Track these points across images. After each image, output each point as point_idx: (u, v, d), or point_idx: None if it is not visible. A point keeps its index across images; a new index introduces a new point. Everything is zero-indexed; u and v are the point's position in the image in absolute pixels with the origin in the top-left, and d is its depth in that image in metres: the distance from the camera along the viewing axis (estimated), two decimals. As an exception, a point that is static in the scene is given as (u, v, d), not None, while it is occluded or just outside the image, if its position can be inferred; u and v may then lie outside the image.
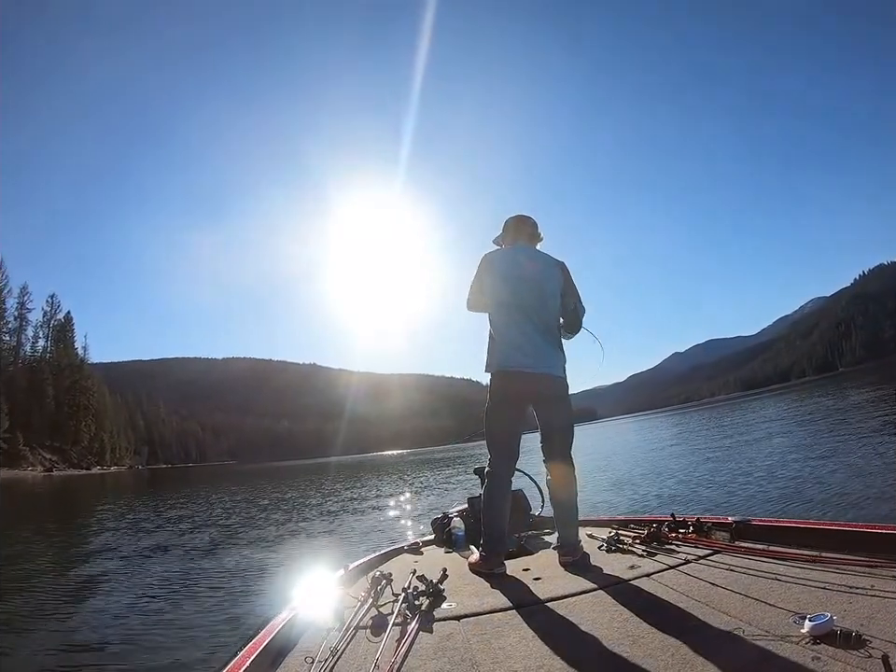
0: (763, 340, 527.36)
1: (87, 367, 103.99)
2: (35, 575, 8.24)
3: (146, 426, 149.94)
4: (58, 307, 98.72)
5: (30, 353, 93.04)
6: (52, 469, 78.26)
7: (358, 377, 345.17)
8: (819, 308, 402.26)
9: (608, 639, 2.03)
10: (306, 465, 75.25)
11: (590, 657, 1.91)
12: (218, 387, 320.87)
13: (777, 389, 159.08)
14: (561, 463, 3.48)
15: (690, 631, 1.99)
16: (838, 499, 7.97)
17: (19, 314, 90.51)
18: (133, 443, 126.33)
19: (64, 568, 8.96)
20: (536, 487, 4.70)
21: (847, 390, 42.10)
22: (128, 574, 8.30)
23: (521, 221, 3.86)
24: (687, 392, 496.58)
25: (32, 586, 7.39)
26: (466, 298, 3.69)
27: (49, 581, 7.76)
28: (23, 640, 5.10)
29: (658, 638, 1.97)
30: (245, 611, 5.78)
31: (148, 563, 9.16)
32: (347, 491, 22.94)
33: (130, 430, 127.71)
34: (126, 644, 4.90)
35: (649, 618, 2.19)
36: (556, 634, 2.18)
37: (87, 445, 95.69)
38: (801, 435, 17.78)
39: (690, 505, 9.70)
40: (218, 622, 5.39)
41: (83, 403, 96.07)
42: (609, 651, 1.94)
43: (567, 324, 3.70)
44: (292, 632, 2.41)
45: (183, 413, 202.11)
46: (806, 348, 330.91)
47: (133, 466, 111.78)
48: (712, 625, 2.00)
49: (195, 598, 6.54)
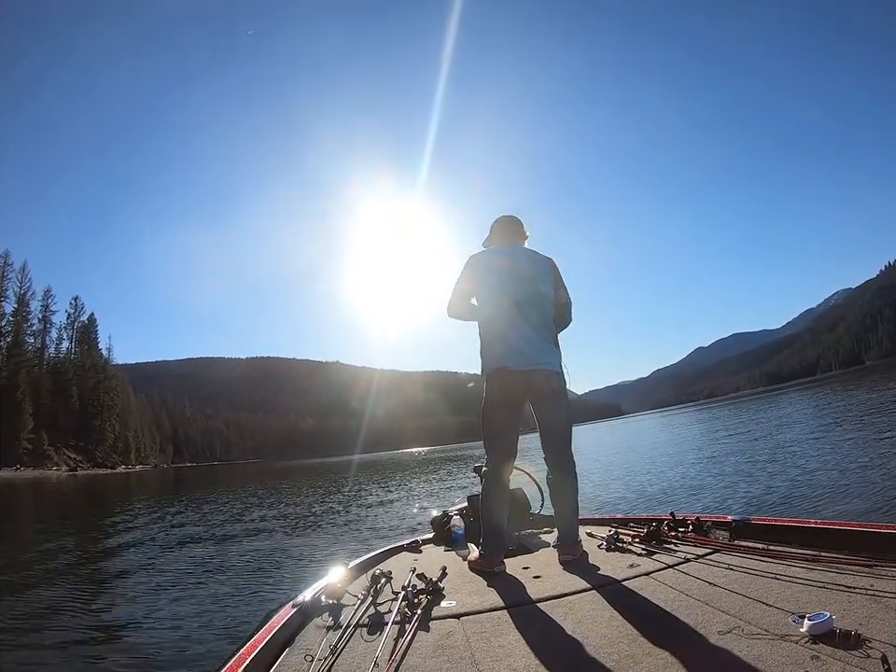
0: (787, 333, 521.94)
1: (111, 367, 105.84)
2: (39, 573, 8.40)
3: (171, 425, 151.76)
4: (81, 309, 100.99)
5: (54, 354, 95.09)
6: (77, 468, 79.71)
7: (381, 374, 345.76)
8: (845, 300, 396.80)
9: (607, 638, 2.02)
10: (329, 463, 75.61)
11: (589, 655, 1.90)
12: (243, 386, 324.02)
13: (803, 384, 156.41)
14: (561, 460, 3.47)
15: (689, 630, 1.97)
16: (843, 499, 7.86)
17: (43, 316, 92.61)
18: (158, 442, 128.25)
19: (69, 567, 9.12)
20: (535, 485, 4.65)
21: (874, 385, 41.20)
22: (129, 573, 8.42)
23: (508, 222, 3.84)
24: (711, 387, 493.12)
25: (31, 587, 7.50)
26: (447, 301, 3.66)
27: (51, 582, 7.87)
28: (30, 638, 5.21)
29: (657, 637, 1.96)
30: (245, 609, 5.82)
31: (151, 562, 9.29)
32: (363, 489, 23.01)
33: (155, 429, 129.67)
34: (126, 642, 4.99)
35: (648, 617, 2.18)
36: (556, 632, 2.17)
37: (112, 444, 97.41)
38: (820, 433, 17.34)
39: (695, 502, 9.68)
40: (218, 619, 5.45)
41: (107, 403, 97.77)
42: (609, 649, 1.93)
43: (558, 317, 3.68)
44: (292, 630, 2.40)
45: (208, 412, 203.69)
46: (832, 342, 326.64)
47: (158, 464, 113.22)
48: (711, 624, 1.98)
49: (196, 596, 6.61)
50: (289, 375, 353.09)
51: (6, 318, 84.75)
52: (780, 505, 8.34)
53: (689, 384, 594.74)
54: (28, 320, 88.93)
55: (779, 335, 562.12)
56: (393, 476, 30.18)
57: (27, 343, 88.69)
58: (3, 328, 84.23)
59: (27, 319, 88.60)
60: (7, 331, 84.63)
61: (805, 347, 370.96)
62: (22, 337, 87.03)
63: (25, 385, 78.55)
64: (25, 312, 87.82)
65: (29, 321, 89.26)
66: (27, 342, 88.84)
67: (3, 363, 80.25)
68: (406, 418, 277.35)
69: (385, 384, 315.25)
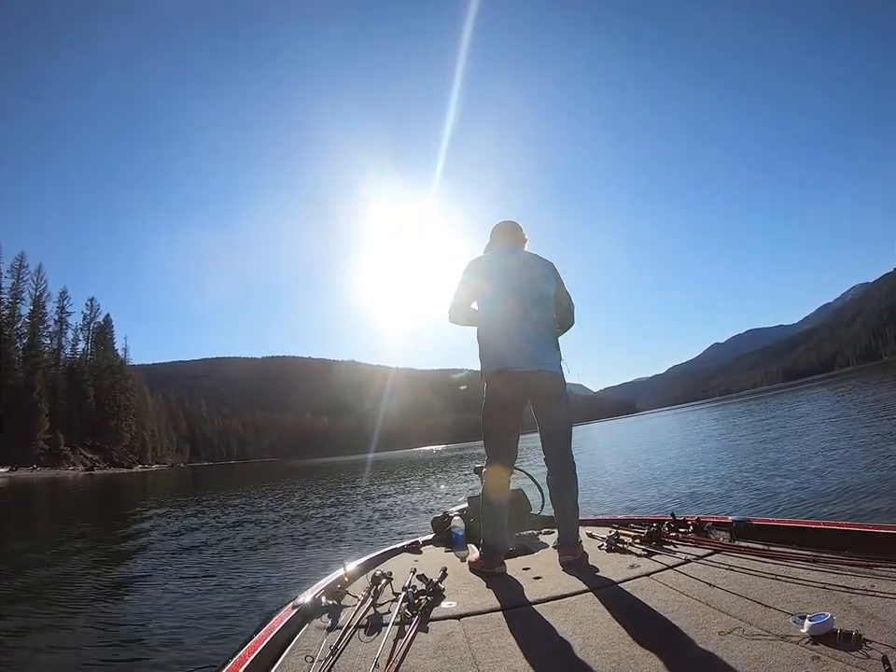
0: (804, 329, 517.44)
1: (127, 367, 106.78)
2: (42, 574, 8.49)
3: (188, 424, 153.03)
4: (97, 310, 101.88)
5: (70, 355, 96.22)
6: (93, 468, 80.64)
7: (395, 372, 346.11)
8: (862, 295, 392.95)
9: (607, 639, 2.02)
10: (344, 461, 75.79)
11: (590, 656, 1.90)
12: (259, 385, 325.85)
13: (820, 379, 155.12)
14: (561, 461, 3.48)
15: (689, 631, 1.97)
16: (854, 498, 7.80)
17: (59, 317, 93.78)
18: (174, 442, 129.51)
19: (71, 566, 9.18)
20: (536, 486, 4.66)
21: (892, 380, 40.81)
22: (131, 574, 8.55)
23: (507, 227, 3.85)
24: (728, 383, 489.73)
25: (34, 586, 7.60)
26: (449, 306, 3.66)
27: (56, 581, 7.96)
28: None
29: (658, 638, 1.96)
30: (246, 609, 5.87)
31: (154, 561, 9.40)
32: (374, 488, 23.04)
33: (172, 429, 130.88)
34: (126, 642, 5.04)
35: (648, 618, 2.18)
36: (556, 633, 2.17)
37: (128, 444, 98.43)
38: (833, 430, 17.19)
39: (697, 503, 9.63)
40: (219, 619, 5.49)
41: (123, 403, 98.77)
42: (609, 650, 1.93)
43: (561, 320, 3.71)
44: (292, 630, 2.41)
45: (224, 412, 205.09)
46: (849, 337, 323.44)
47: (174, 464, 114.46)
48: (712, 625, 1.98)
49: (196, 596, 6.68)
50: (304, 374, 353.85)
51: (21, 320, 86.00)
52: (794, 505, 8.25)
53: (705, 380, 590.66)
54: (44, 322, 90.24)
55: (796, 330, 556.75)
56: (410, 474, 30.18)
57: (43, 345, 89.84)
58: (19, 329, 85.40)
59: (43, 321, 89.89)
60: (22, 333, 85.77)
61: (821, 343, 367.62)
62: (38, 338, 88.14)
63: (41, 386, 79.50)
64: (41, 313, 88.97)
65: (45, 322, 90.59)
66: (43, 343, 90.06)
67: (19, 364, 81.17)
68: (421, 416, 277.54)
69: (399, 382, 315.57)
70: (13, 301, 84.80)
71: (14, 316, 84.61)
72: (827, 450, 12.87)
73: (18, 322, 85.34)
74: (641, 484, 13.08)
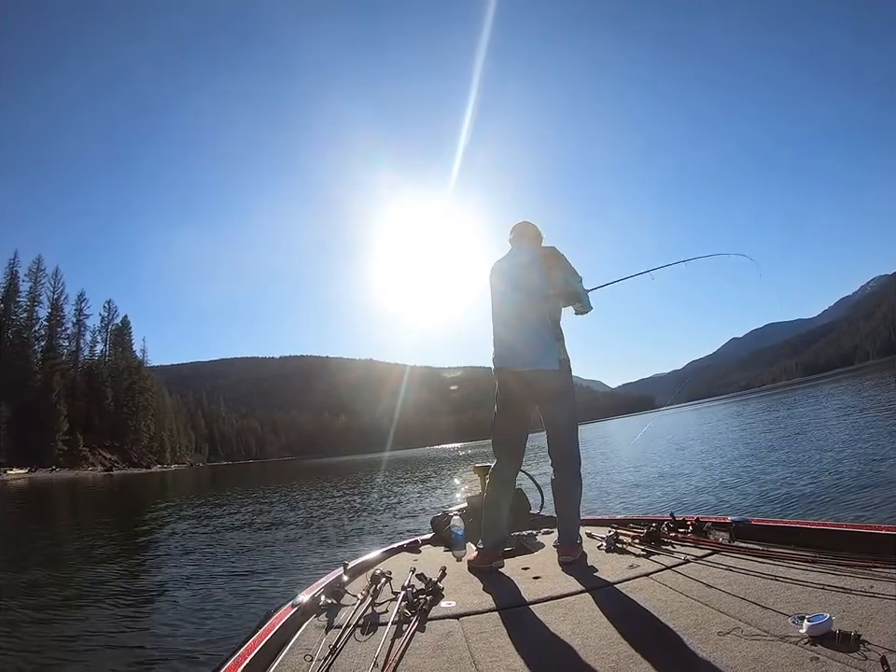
0: (824, 322, 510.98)
1: (145, 368, 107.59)
2: (44, 574, 8.56)
3: (206, 424, 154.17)
4: (115, 312, 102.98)
5: (88, 357, 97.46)
6: (112, 468, 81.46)
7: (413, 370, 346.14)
8: (882, 287, 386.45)
9: (606, 639, 2.03)
10: (361, 460, 75.99)
11: (588, 656, 1.91)
12: (277, 385, 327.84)
13: (840, 374, 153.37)
14: (564, 460, 3.49)
15: (688, 631, 1.97)
16: (856, 499, 7.76)
17: (77, 319, 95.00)
18: (193, 441, 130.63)
19: (74, 568, 9.29)
20: (535, 486, 4.71)
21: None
22: (133, 573, 8.68)
23: (513, 228, 3.96)
24: (747, 378, 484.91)
25: (38, 586, 7.69)
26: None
27: (59, 580, 8.08)
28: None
29: (656, 638, 1.97)
30: (245, 608, 5.92)
31: (155, 562, 9.60)
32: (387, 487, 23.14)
33: (190, 429, 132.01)
34: (125, 641, 5.11)
35: (647, 618, 2.18)
36: (555, 633, 2.18)
37: (147, 444, 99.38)
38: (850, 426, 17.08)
39: (698, 503, 9.62)
40: (218, 618, 5.54)
41: (142, 404, 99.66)
42: (608, 650, 1.93)
43: (569, 300, 3.67)
44: (291, 629, 2.43)
45: (242, 411, 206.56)
46: (869, 330, 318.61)
47: (193, 463, 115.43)
48: (711, 625, 1.98)
49: (196, 595, 6.77)
50: (322, 373, 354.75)
51: (39, 322, 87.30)
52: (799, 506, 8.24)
53: (724, 375, 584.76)
54: (62, 324, 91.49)
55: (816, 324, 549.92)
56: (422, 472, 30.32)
57: (61, 347, 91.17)
58: (37, 332, 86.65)
59: (61, 323, 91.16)
60: (41, 335, 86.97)
61: (842, 336, 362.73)
62: (56, 340, 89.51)
63: (60, 388, 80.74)
64: (59, 316, 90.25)
65: (63, 325, 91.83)
66: (61, 345, 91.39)
67: (38, 366, 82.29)
68: (440, 413, 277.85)
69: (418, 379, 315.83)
70: (31, 304, 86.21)
71: (32, 319, 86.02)
72: (838, 448, 12.84)
73: (36, 325, 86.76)
74: (644, 485, 13.08)
